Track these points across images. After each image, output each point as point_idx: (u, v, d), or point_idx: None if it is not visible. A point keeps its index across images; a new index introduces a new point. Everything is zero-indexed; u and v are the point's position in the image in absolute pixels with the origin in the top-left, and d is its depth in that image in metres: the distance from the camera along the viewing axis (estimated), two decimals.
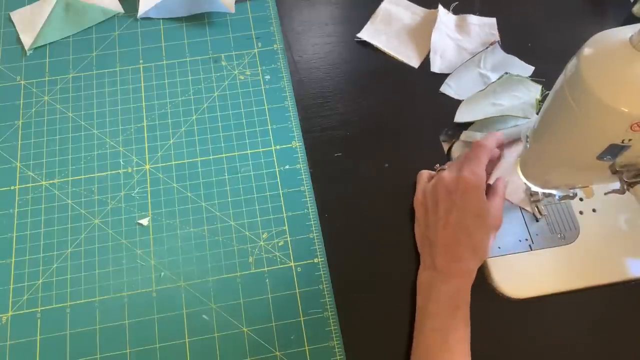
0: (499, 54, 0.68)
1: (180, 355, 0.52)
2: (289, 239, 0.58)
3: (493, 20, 0.71)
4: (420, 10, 0.72)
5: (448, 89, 0.66)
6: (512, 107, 0.63)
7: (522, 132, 0.52)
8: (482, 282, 0.56)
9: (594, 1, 0.73)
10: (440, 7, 0.70)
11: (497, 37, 0.69)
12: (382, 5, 0.72)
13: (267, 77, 0.67)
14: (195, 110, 0.64)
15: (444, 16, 0.70)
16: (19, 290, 0.55)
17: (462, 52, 0.69)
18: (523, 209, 0.59)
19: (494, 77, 0.66)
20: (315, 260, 0.57)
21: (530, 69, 0.67)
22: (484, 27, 0.70)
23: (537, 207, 0.58)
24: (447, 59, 0.68)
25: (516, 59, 0.67)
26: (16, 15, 0.70)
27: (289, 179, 0.61)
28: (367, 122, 0.64)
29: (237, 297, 0.55)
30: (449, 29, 0.70)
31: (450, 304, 0.50)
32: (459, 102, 0.65)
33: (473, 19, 0.71)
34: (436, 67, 0.68)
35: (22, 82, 0.66)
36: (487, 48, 0.67)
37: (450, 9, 0.71)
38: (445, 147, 0.63)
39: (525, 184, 0.54)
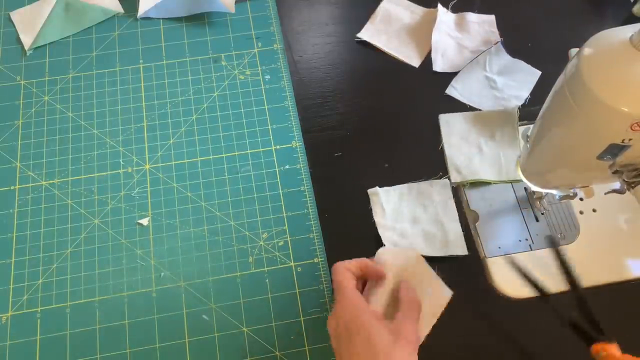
0: (505, 57, 0.68)
1: (180, 355, 0.52)
2: (289, 239, 0.58)
3: (492, 17, 0.71)
4: (419, 10, 0.72)
5: (454, 91, 0.66)
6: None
7: (522, 132, 0.52)
8: (482, 282, 0.56)
9: (594, 1, 0.73)
10: (439, 6, 0.70)
11: (497, 35, 0.69)
12: (382, 5, 0.72)
13: (267, 77, 0.67)
14: (195, 110, 0.64)
15: (444, 15, 0.70)
16: (19, 290, 0.55)
17: (464, 51, 0.69)
18: (523, 208, 0.59)
19: (500, 80, 0.66)
20: (315, 260, 0.57)
21: (537, 73, 0.66)
22: (483, 24, 0.70)
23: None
24: (449, 57, 0.68)
25: (522, 62, 0.67)
26: (16, 15, 0.70)
27: (289, 179, 0.61)
28: (367, 122, 0.64)
29: (237, 297, 0.55)
30: (449, 28, 0.70)
31: None
32: (460, 102, 0.65)
33: (472, 17, 0.71)
34: (438, 66, 0.68)
35: (22, 82, 0.66)
36: (490, 48, 0.67)
37: (449, 7, 0.71)
38: None
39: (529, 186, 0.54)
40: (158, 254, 0.57)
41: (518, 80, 0.66)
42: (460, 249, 0.56)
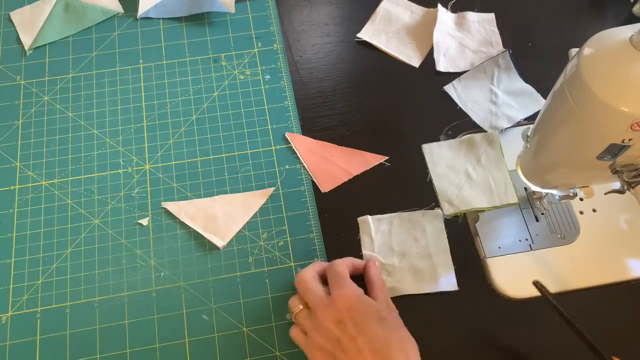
0: (518, 83, 0.66)
1: (180, 355, 0.52)
2: (289, 239, 0.58)
3: (492, 15, 0.71)
4: (419, 10, 0.72)
5: (452, 90, 0.66)
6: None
7: (522, 132, 0.52)
8: (482, 282, 0.56)
9: (594, 1, 0.73)
10: (439, 6, 0.70)
11: (497, 34, 0.69)
12: (382, 5, 0.72)
13: (267, 77, 0.67)
14: (195, 110, 0.64)
15: (444, 15, 0.70)
16: (18, 290, 0.55)
17: (465, 50, 0.69)
18: (523, 208, 0.59)
19: (502, 97, 0.65)
20: (315, 260, 0.57)
21: (542, 101, 0.64)
22: (483, 23, 0.70)
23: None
24: (451, 57, 0.68)
25: (534, 91, 0.65)
26: (16, 15, 0.70)
27: (289, 179, 0.61)
28: (367, 121, 0.64)
29: (237, 297, 0.55)
30: (449, 27, 0.70)
31: None
32: (455, 104, 0.65)
33: (472, 16, 0.71)
34: (441, 66, 0.67)
35: (22, 82, 0.66)
36: (497, 56, 0.67)
37: (449, 7, 0.71)
38: None
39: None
40: (158, 254, 0.57)
41: (520, 103, 0.64)
42: (451, 285, 0.55)
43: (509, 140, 0.62)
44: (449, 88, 0.66)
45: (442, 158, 0.61)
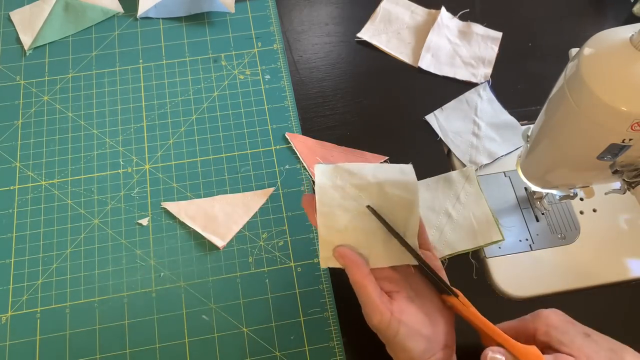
0: (502, 114, 0.64)
1: (180, 355, 0.52)
2: (289, 239, 0.58)
3: (498, 34, 0.70)
4: (420, 10, 0.72)
5: (433, 119, 0.64)
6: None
7: (523, 132, 0.52)
8: (483, 282, 0.56)
9: (594, 1, 0.73)
10: (443, 9, 0.70)
11: (495, 52, 0.68)
12: (382, 5, 0.72)
13: (267, 77, 0.67)
14: (195, 110, 0.64)
15: (449, 20, 0.70)
16: (18, 290, 0.55)
17: (456, 58, 0.68)
18: (523, 208, 0.59)
19: (484, 129, 0.63)
20: (315, 260, 0.57)
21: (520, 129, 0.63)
22: (486, 38, 0.69)
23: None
24: (439, 59, 0.68)
25: (518, 124, 0.63)
26: (16, 15, 0.70)
27: (289, 179, 0.61)
28: (367, 121, 0.64)
29: (237, 297, 0.55)
30: (451, 33, 0.70)
31: None
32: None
33: (478, 28, 0.70)
34: (424, 64, 0.67)
35: (22, 82, 0.66)
36: (477, 87, 0.66)
37: (457, 15, 0.71)
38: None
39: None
40: (158, 254, 0.57)
41: (503, 137, 0.63)
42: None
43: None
44: (430, 118, 0.64)
45: (420, 198, 0.57)
